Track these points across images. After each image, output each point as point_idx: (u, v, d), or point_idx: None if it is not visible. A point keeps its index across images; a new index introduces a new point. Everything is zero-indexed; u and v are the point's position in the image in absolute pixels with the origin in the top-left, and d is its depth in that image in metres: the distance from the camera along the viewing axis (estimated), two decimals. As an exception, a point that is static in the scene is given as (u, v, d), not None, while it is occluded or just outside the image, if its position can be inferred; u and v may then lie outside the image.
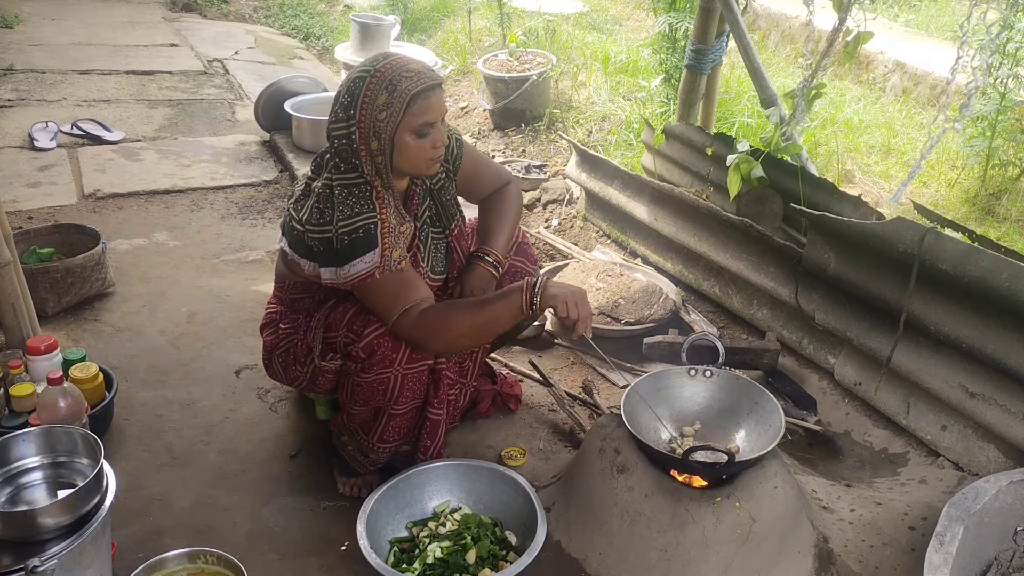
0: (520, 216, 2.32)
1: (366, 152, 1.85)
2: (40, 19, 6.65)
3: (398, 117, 1.81)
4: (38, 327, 2.50)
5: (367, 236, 1.83)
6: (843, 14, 2.75)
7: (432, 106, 1.84)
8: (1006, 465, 2.15)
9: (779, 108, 3.21)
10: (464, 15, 6.23)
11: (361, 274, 1.84)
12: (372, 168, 1.87)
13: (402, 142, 1.85)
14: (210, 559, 1.76)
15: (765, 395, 2.07)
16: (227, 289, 3.14)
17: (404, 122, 1.82)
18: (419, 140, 1.86)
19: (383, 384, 1.94)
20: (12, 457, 1.74)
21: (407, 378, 1.95)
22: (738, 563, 1.85)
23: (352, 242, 1.83)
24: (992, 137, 3.82)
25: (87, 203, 3.76)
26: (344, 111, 1.84)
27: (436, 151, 1.90)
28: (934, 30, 6.08)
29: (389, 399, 1.97)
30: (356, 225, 1.83)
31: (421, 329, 1.89)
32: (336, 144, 1.88)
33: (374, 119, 1.81)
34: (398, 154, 1.86)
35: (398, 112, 1.81)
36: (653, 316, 2.91)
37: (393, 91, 1.80)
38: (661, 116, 4.34)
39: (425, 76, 1.84)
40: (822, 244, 2.58)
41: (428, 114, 1.84)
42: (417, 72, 1.84)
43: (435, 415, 2.09)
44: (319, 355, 2.00)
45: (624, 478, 1.94)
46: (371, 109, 1.81)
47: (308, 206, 1.88)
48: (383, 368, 1.91)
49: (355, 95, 1.82)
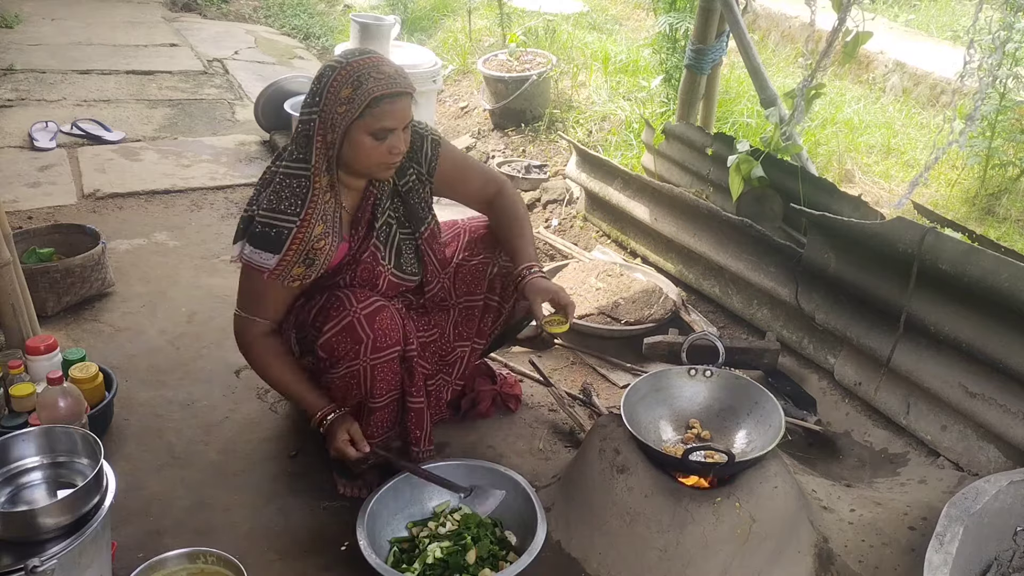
0: (529, 218, 2.30)
1: (321, 142, 1.86)
2: (40, 19, 6.65)
3: (354, 114, 1.82)
4: (38, 327, 2.50)
5: (276, 238, 1.87)
6: (843, 14, 2.75)
7: (394, 112, 1.84)
8: (1006, 465, 2.15)
9: (779, 108, 3.21)
10: (464, 15, 6.23)
11: (253, 263, 1.90)
12: (323, 160, 1.87)
13: (358, 140, 1.85)
14: (210, 559, 1.76)
15: (765, 395, 2.07)
16: (227, 289, 3.14)
17: (363, 121, 1.83)
18: (375, 142, 1.86)
19: (355, 378, 1.94)
20: (12, 457, 1.73)
21: (377, 368, 1.94)
22: (738, 563, 1.85)
23: (263, 234, 1.87)
24: (992, 137, 3.82)
25: (87, 203, 3.76)
26: (311, 97, 1.86)
27: (392, 157, 1.90)
28: (934, 30, 6.08)
29: (365, 393, 1.97)
30: (273, 221, 1.87)
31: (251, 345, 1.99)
32: (299, 128, 1.90)
33: (333, 111, 1.83)
34: (352, 152, 1.87)
35: (356, 109, 1.81)
36: (653, 316, 2.91)
37: (357, 88, 1.81)
38: (661, 116, 4.34)
39: (394, 81, 1.83)
40: (822, 244, 2.58)
41: (387, 119, 1.84)
42: (388, 76, 1.83)
43: (415, 404, 2.09)
44: (298, 355, 2.02)
45: (624, 478, 1.94)
46: (333, 100, 1.82)
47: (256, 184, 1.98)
48: (350, 361, 1.92)
49: (322, 84, 1.84)
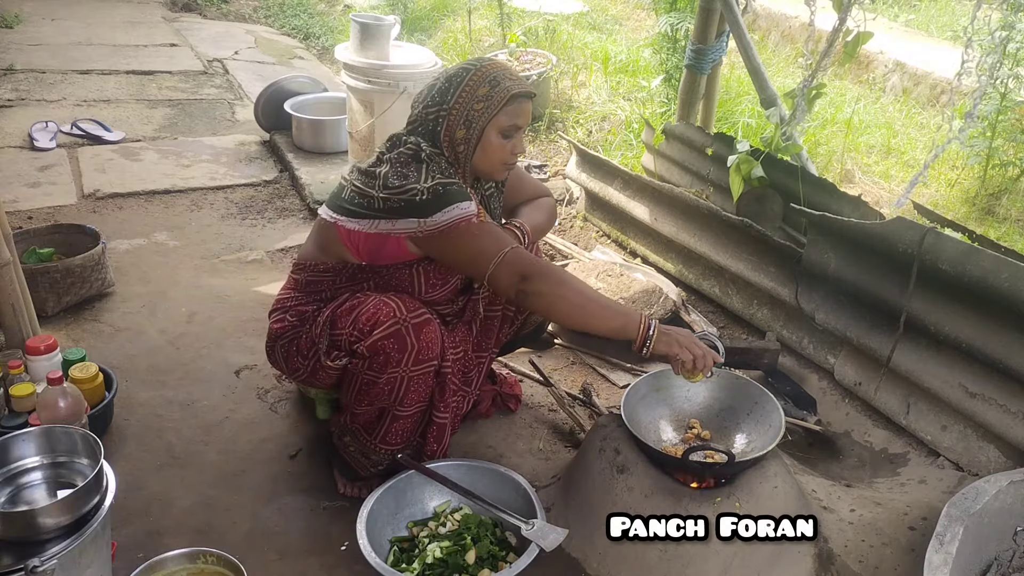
0: (551, 221, 2.34)
1: (449, 140, 1.91)
2: (40, 19, 6.65)
3: (494, 111, 1.88)
4: (38, 327, 2.50)
5: (460, 189, 1.87)
6: (843, 14, 2.75)
7: (525, 112, 1.93)
8: (1006, 465, 2.15)
9: (779, 108, 3.21)
10: (464, 15, 6.23)
11: (454, 219, 1.83)
12: (452, 156, 1.93)
13: (488, 139, 1.91)
14: (210, 559, 1.76)
15: (765, 395, 2.07)
16: (227, 289, 3.14)
17: (497, 119, 1.89)
18: (503, 141, 1.93)
19: (389, 385, 1.94)
20: (12, 457, 1.73)
21: (413, 380, 1.95)
22: (738, 563, 1.85)
23: (446, 192, 1.83)
24: (992, 137, 3.82)
25: (87, 203, 3.76)
26: (440, 95, 1.90)
27: (513, 157, 1.98)
28: (934, 30, 6.09)
29: (395, 400, 1.97)
30: (448, 182, 1.86)
31: (533, 264, 1.85)
32: (423, 127, 1.93)
33: (470, 107, 1.88)
34: (481, 149, 1.92)
35: (495, 106, 1.88)
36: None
37: (495, 86, 1.88)
38: (661, 116, 4.34)
39: (525, 83, 1.93)
40: (822, 244, 2.58)
41: (519, 118, 1.92)
42: (519, 78, 1.93)
43: (441, 419, 2.10)
44: (324, 353, 2.00)
45: (624, 478, 1.94)
46: (469, 98, 1.88)
47: (384, 174, 1.87)
48: (392, 368, 1.91)
49: (454, 83, 1.89)
